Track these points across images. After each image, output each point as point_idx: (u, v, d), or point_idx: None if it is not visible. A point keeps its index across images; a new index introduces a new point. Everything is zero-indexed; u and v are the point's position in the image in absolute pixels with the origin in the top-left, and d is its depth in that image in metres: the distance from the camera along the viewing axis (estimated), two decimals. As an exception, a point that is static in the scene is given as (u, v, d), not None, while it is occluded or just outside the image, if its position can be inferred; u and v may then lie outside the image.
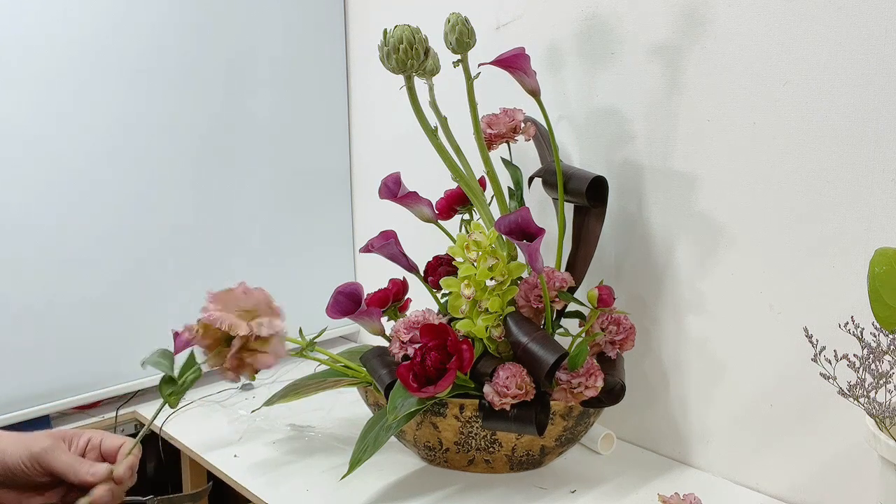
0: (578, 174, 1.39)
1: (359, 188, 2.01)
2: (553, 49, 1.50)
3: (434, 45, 1.30)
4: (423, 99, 1.33)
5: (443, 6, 1.39)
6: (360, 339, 2.04)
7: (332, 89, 1.94)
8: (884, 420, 0.95)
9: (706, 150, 1.30)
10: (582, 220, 1.42)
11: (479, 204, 1.40)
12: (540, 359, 1.21)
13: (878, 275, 0.92)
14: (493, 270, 1.24)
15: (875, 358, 0.94)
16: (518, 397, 1.22)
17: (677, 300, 1.38)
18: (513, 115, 1.40)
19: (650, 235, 1.41)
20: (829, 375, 0.96)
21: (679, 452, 1.42)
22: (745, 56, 1.23)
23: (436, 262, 1.49)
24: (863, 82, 1.11)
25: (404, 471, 1.37)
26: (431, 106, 1.36)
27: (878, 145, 1.11)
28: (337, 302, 1.39)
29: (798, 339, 1.05)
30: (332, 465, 1.38)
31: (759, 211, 1.25)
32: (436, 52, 1.34)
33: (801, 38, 1.17)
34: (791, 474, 1.27)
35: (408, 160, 1.76)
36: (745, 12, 1.22)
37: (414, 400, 1.22)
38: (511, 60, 1.30)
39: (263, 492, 1.32)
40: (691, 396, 1.39)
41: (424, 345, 1.24)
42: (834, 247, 1.17)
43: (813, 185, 1.18)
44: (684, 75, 1.31)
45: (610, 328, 1.32)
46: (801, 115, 1.18)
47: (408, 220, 1.52)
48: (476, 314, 1.27)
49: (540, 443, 1.31)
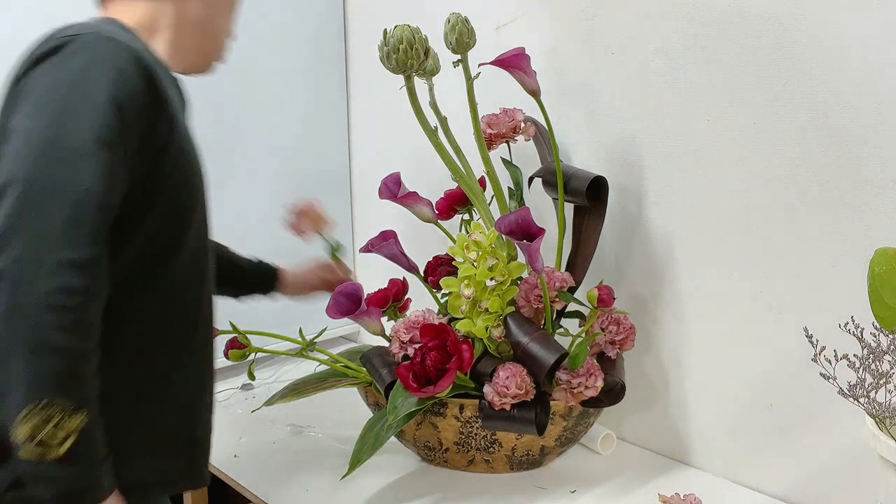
0: (578, 174, 1.39)
1: (359, 188, 2.01)
2: (553, 49, 1.50)
3: (434, 45, 1.30)
4: (423, 99, 1.33)
5: (443, 6, 1.39)
6: (360, 339, 2.04)
7: (332, 89, 1.94)
8: (884, 420, 0.95)
9: (706, 150, 1.30)
10: (582, 220, 1.42)
11: (479, 204, 1.40)
12: (540, 359, 1.21)
13: (878, 275, 0.92)
14: (493, 270, 1.24)
15: (875, 358, 0.94)
16: (518, 397, 1.22)
17: (677, 300, 1.38)
18: (513, 115, 1.40)
19: (650, 235, 1.41)
20: (829, 375, 0.96)
21: (679, 452, 1.42)
22: (745, 56, 1.23)
23: (436, 262, 1.49)
24: (863, 83, 1.11)
25: (404, 471, 1.37)
26: (431, 106, 1.36)
27: (878, 146, 1.11)
28: (337, 302, 1.39)
29: (798, 339, 1.05)
30: (332, 465, 1.38)
31: (759, 211, 1.25)
32: (436, 52, 1.34)
33: (800, 39, 1.17)
34: (791, 474, 1.27)
35: (408, 160, 1.76)
36: (745, 12, 1.22)
37: (414, 400, 1.22)
38: (511, 60, 1.30)
39: (263, 492, 1.32)
40: (691, 396, 1.39)
41: (424, 345, 1.24)
42: (834, 247, 1.17)
43: (813, 186, 1.18)
44: (684, 75, 1.31)
45: (610, 328, 1.32)
46: (801, 115, 1.18)
47: (408, 220, 1.52)
48: (476, 314, 1.27)
49: (540, 443, 1.31)
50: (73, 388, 0.85)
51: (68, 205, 0.85)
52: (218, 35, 1.16)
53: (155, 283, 1.00)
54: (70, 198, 0.85)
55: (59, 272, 0.84)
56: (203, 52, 1.15)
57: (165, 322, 1.02)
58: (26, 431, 0.83)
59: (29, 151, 0.87)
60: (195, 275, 1.05)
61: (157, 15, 1.07)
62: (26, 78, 0.92)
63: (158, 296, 1.01)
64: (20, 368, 0.83)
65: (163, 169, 0.97)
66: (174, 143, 0.98)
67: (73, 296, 0.84)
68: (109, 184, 0.88)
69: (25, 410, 0.83)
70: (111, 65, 0.90)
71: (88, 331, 0.87)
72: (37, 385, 0.83)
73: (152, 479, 1.00)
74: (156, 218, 0.97)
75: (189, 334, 1.05)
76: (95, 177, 0.87)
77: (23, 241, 0.84)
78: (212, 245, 1.10)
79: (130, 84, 0.91)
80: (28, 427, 0.83)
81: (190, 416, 1.07)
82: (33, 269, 0.83)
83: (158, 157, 0.96)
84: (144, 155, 0.94)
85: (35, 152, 0.87)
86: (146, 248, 0.97)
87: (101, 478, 0.89)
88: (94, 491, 0.88)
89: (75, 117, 0.88)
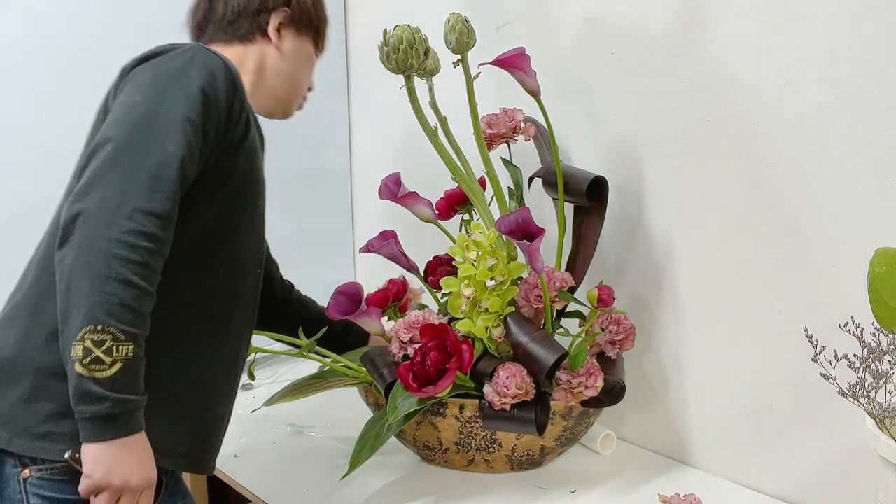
0: (578, 174, 1.39)
1: (359, 188, 2.01)
2: (553, 49, 1.50)
3: (434, 45, 1.30)
4: (423, 99, 1.33)
5: (443, 6, 1.39)
6: (360, 339, 2.04)
7: (333, 89, 1.94)
8: (884, 420, 0.95)
9: (706, 149, 1.30)
10: (582, 220, 1.42)
11: (479, 204, 1.40)
12: (540, 359, 1.21)
13: (878, 275, 0.92)
14: (493, 270, 1.24)
15: (875, 358, 0.94)
16: (518, 397, 1.22)
17: (677, 300, 1.38)
18: (513, 115, 1.40)
19: (650, 235, 1.41)
20: (829, 375, 0.96)
21: (679, 452, 1.42)
22: (745, 56, 1.23)
23: (436, 262, 1.48)
24: (863, 83, 1.11)
25: (404, 471, 1.37)
26: (431, 106, 1.36)
27: (878, 145, 1.11)
28: (337, 302, 1.39)
29: (798, 339, 1.05)
30: (332, 465, 1.38)
31: (759, 211, 1.25)
32: (436, 53, 1.34)
33: (801, 39, 1.17)
34: (791, 474, 1.27)
35: (408, 160, 1.76)
36: (745, 12, 1.22)
37: (414, 400, 1.22)
38: (511, 60, 1.30)
39: (263, 492, 1.32)
40: (691, 396, 1.39)
41: (424, 345, 1.24)
42: (834, 247, 1.17)
43: (813, 185, 1.18)
44: (684, 75, 1.31)
45: (610, 328, 1.32)
46: (801, 116, 1.18)
47: (408, 220, 1.52)
48: (476, 314, 1.27)
49: (540, 443, 1.31)
50: (129, 321, 0.94)
51: (154, 164, 0.98)
52: (295, 85, 1.32)
53: (205, 266, 1.11)
54: (156, 158, 0.98)
55: (136, 217, 0.95)
56: (280, 98, 1.31)
57: (206, 304, 1.12)
58: (80, 351, 0.92)
59: (126, 120, 1.01)
60: (240, 269, 1.16)
61: (243, 59, 1.25)
62: (133, 71, 1.09)
63: (204, 279, 1.11)
64: (86, 293, 0.93)
65: (232, 164, 1.10)
66: (245, 146, 1.11)
67: (145, 239, 0.95)
68: (189, 155, 1.01)
69: (84, 331, 0.92)
70: (207, 68, 1.07)
71: (152, 275, 0.97)
72: (98, 310, 0.92)
73: (162, 446, 1.04)
74: (215, 205, 1.09)
75: (223, 325, 1.15)
76: (179, 146, 1.00)
77: (109, 187, 0.96)
78: (264, 246, 1.24)
79: (219, 85, 1.07)
80: (82, 347, 0.92)
81: (207, 400, 1.15)
82: (114, 210, 0.95)
83: (230, 153, 1.09)
84: (219, 146, 1.07)
85: (132, 120, 1.01)
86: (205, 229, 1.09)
87: (137, 412, 0.98)
88: (128, 422, 0.97)
89: (171, 100, 1.03)
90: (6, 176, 1.52)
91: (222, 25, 1.26)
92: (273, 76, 1.28)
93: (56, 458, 1.01)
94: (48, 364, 1.02)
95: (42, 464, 1.02)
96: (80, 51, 1.56)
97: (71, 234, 0.95)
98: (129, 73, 1.10)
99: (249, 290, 1.19)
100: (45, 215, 1.58)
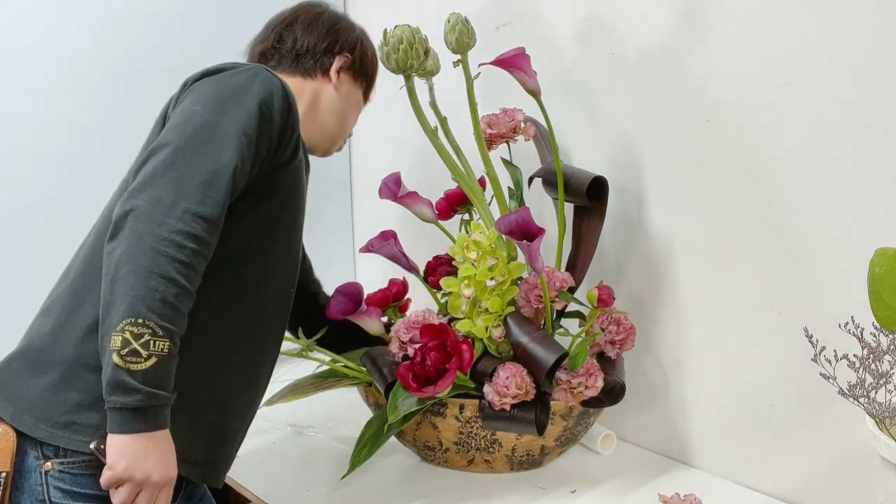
0: (578, 174, 1.39)
1: (359, 188, 2.01)
2: (553, 49, 1.50)
3: (434, 45, 1.30)
4: (423, 99, 1.33)
5: (443, 6, 1.39)
6: (360, 339, 2.04)
7: (332, 89, 1.94)
8: (884, 420, 0.95)
9: (706, 150, 1.30)
10: (582, 220, 1.42)
11: (479, 204, 1.40)
12: (540, 359, 1.21)
13: (878, 275, 0.92)
14: (493, 270, 1.24)
15: (875, 358, 0.94)
16: (518, 397, 1.22)
17: (677, 300, 1.38)
18: (513, 115, 1.40)
19: (650, 235, 1.41)
20: (829, 375, 0.96)
21: (679, 452, 1.42)
22: (745, 56, 1.23)
23: (436, 262, 1.48)
24: (863, 83, 1.11)
25: (404, 471, 1.37)
26: (431, 106, 1.36)
27: (878, 145, 1.11)
28: (337, 302, 1.39)
29: (798, 339, 1.05)
30: (332, 465, 1.38)
31: (759, 211, 1.25)
32: (436, 53, 1.35)
33: (801, 39, 1.17)
34: (791, 474, 1.27)
35: (408, 160, 1.76)
36: (745, 12, 1.22)
37: (414, 400, 1.22)
38: (511, 60, 1.30)
39: (263, 492, 1.32)
40: (691, 396, 1.39)
41: (424, 345, 1.24)
42: (834, 247, 1.17)
43: (813, 186, 1.18)
44: (684, 75, 1.31)
45: (610, 328, 1.32)
46: (802, 116, 1.18)
47: (408, 220, 1.52)
48: (476, 314, 1.27)
49: (540, 443, 1.31)
50: (168, 318, 0.96)
51: (208, 170, 1.01)
52: (343, 125, 1.39)
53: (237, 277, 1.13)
54: (211, 166, 1.02)
55: (186, 219, 0.98)
56: (328, 134, 1.38)
57: (235, 315, 1.14)
58: (119, 342, 0.94)
59: (186, 127, 1.05)
60: (271, 284, 1.18)
61: (301, 90, 1.31)
62: (195, 84, 1.13)
63: (234, 290, 1.13)
64: (130, 286, 0.95)
65: (278, 181, 1.14)
66: (292, 166, 1.15)
67: (192, 241, 0.98)
68: (241, 166, 1.05)
69: (124, 322, 0.94)
70: (265, 87, 1.11)
71: (194, 276, 1.00)
72: (140, 303, 0.95)
73: (179, 451, 1.04)
74: (256, 218, 1.13)
75: (249, 337, 1.16)
76: (233, 156, 1.04)
77: (163, 188, 0.99)
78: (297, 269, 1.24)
79: (275, 104, 1.11)
80: (121, 338, 0.94)
81: (228, 411, 1.17)
82: (166, 210, 0.98)
83: (277, 171, 1.13)
84: (268, 162, 1.11)
85: (191, 128, 1.05)
86: (242, 241, 1.12)
87: (165, 408, 0.99)
88: (156, 417, 0.98)
89: (230, 113, 1.06)
90: (6, 176, 1.52)
91: (288, 58, 1.34)
92: (326, 111, 1.35)
93: (77, 448, 1.03)
94: (81, 356, 1.05)
95: (64, 457, 1.04)
96: (81, 51, 1.56)
97: (122, 228, 0.98)
98: (191, 85, 1.14)
99: (278, 306, 1.21)
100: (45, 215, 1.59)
